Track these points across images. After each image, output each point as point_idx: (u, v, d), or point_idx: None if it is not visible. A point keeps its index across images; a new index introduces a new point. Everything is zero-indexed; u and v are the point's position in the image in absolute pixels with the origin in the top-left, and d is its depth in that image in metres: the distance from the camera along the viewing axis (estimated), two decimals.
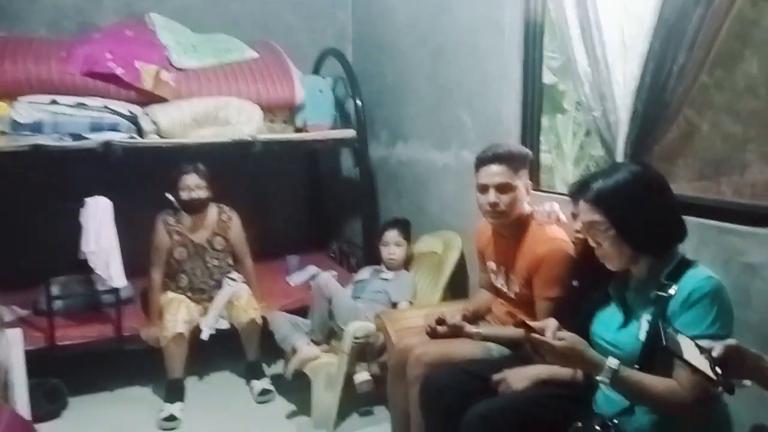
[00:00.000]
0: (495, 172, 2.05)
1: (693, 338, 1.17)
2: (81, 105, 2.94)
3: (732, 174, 1.92)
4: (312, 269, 3.67)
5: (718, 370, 1.08)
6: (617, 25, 1.89)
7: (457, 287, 2.88)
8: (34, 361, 2.54)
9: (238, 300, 3.05)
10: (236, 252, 3.22)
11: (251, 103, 3.23)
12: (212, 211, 3.15)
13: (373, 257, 3.28)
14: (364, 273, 3.18)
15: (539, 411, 1.70)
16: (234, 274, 3.20)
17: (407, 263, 3.13)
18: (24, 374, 2.41)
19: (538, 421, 1.68)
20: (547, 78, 2.91)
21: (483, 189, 2.09)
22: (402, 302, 2.90)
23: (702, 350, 1.12)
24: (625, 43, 1.87)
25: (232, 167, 3.35)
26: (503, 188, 2.04)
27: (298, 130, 3.49)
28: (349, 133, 3.49)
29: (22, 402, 2.36)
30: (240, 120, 3.15)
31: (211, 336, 2.99)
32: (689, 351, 1.14)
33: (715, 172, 1.96)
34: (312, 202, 4.37)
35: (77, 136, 2.88)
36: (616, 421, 1.45)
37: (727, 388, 1.09)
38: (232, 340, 3.06)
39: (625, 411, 1.46)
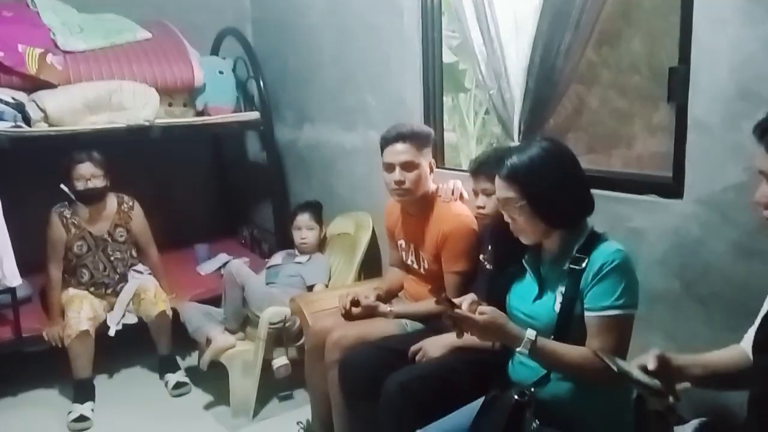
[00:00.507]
0: (399, 151, 2.10)
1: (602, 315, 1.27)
2: None
3: (620, 147, 2.06)
4: (223, 257, 3.60)
5: (657, 382, 1.15)
6: (509, 4, 1.97)
7: (370, 267, 2.93)
8: None
9: (145, 293, 2.95)
10: (140, 243, 3.10)
11: (147, 86, 3.09)
12: (111, 201, 3.01)
13: (285, 242, 3.26)
14: (277, 258, 3.15)
15: (456, 377, 1.78)
16: (139, 266, 3.10)
17: (321, 246, 3.13)
18: None
19: (455, 386, 1.74)
20: (449, 57, 2.99)
21: (389, 168, 2.13)
22: (317, 285, 2.91)
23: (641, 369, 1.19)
24: (516, 23, 1.95)
25: (130, 154, 3.21)
26: (408, 166, 2.10)
27: (199, 114, 3.38)
28: (253, 115, 3.42)
29: None
30: (135, 104, 3.00)
31: (119, 331, 2.89)
32: (641, 375, 1.19)
33: (606, 146, 2.09)
34: (219, 187, 4.27)
35: None
36: (533, 389, 1.49)
37: (676, 398, 1.17)
38: (141, 334, 2.96)
39: (542, 379, 1.51)
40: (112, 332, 2.86)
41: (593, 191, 1.83)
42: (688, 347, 1.68)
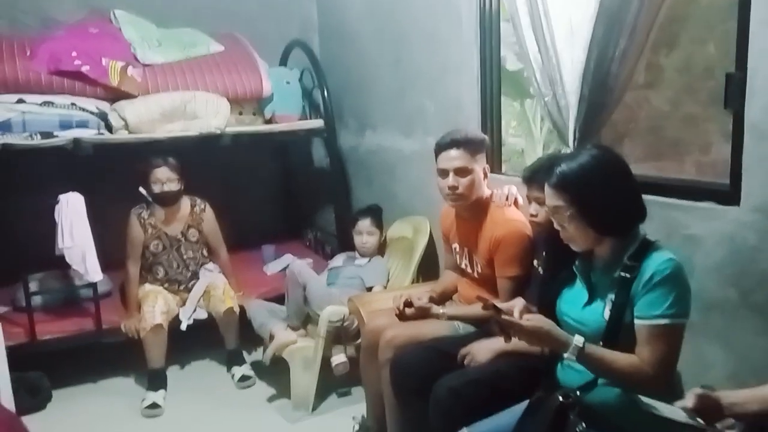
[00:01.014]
0: (453, 157, 2.14)
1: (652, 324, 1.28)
2: (48, 103, 2.96)
3: (678, 154, 2.03)
4: (288, 258, 3.72)
5: (700, 420, 1.15)
6: (564, 12, 1.98)
7: (427, 270, 2.98)
8: (16, 356, 2.58)
9: (214, 290, 3.11)
10: (210, 243, 3.28)
11: (218, 96, 3.27)
12: (185, 203, 3.20)
13: (347, 244, 3.36)
14: (338, 260, 3.26)
15: (504, 382, 1.80)
16: (210, 265, 3.27)
17: (380, 249, 3.21)
18: (5, 369, 2.45)
19: (503, 391, 1.76)
20: (514, 64, 2.99)
21: (443, 173, 2.18)
22: (376, 287, 2.99)
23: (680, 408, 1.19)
24: (572, 30, 1.95)
25: (203, 160, 3.40)
26: (461, 172, 2.14)
27: (267, 122, 3.54)
28: (318, 123, 3.55)
29: (6, 396, 2.40)
30: (207, 113, 3.18)
31: (190, 326, 3.06)
32: (668, 410, 1.21)
33: (663, 153, 2.06)
34: (285, 192, 4.44)
35: (47, 134, 2.91)
36: (578, 392, 1.49)
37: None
38: (211, 329, 3.13)
39: (588, 384, 1.52)
40: (183, 326, 3.03)
41: (649, 198, 1.82)
42: (744, 357, 1.66)
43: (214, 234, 3.28)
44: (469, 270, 2.30)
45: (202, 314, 3.13)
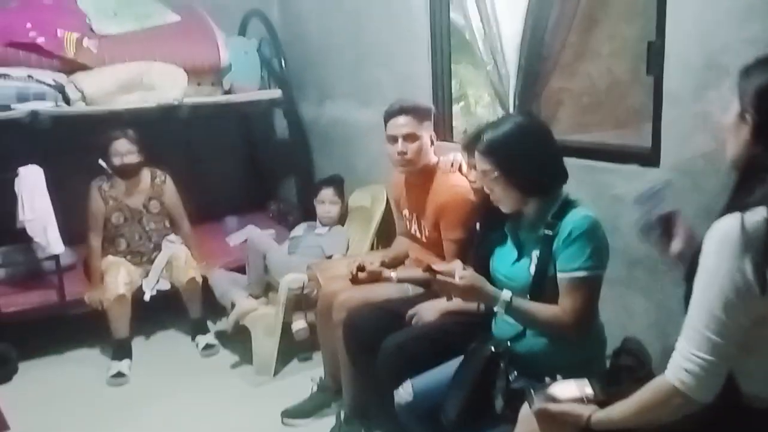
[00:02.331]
0: (401, 123, 2.23)
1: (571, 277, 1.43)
2: (4, 76, 2.95)
3: (606, 120, 2.12)
4: (250, 229, 3.75)
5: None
6: None
7: (385, 237, 3.05)
8: None
9: (177, 260, 3.16)
10: (172, 214, 3.32)
11: (175, 67, 3.28)
12: (145, 175, 3.23)
13: (309, 214, 3.42)
14: (299, 230, 3.33)
15: (447, 337, 1.91)
16: (172, 236, 3.31)
17: (341, 219, 3.28)
18: None
19: (445, 345, 1.86)
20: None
21: (392, 140, 2.26)
22: (335, 255, 3.07)
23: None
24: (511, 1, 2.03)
25: (164, 131, 3.41)
26: (409, 137, 2.23)
27: (226, 93, 3.55)
28: (275, 93, 3.58)
29: None
30: (165, 84, 3.19)
31: (154, 297, 3.11)
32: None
33: (593, 119, 2.16)
34: (248, 163, 4.47)
35: (3, 107, 2.90)
36: (509, 343, 1.63)
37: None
38: (175, 299, 3.19)
39: (518, 335, 1.64)
40: (147, 297, 3.08)
41: (581, 162, 1.93)
42: (664, 307, 1.78)
43: (176, 205, 3.32)
44: (418, 235, 2.40)
45: (165, 285, 3.18)
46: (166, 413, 2.62)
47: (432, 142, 2.29)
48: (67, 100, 3.08)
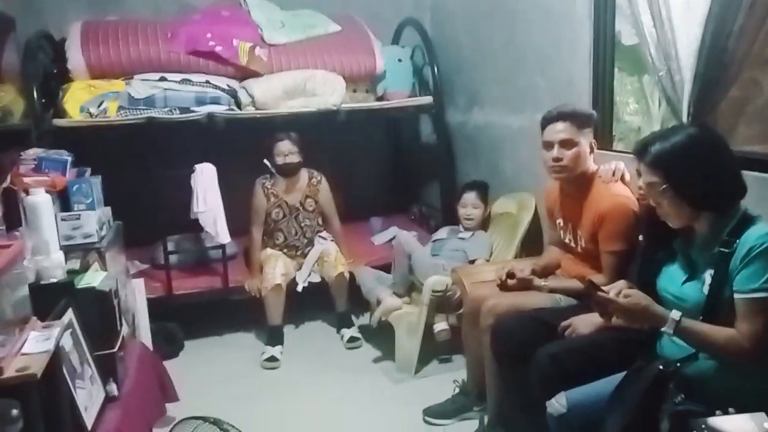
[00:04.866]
0: (559, 129, 2.18)
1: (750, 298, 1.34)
2: (186, 81, 3.29)
3: None
4: (394, 230, 3.89)
5: None
6: None
7: (531, 246, 3.00)
8: (155, 307, 2.90)
9: (327, 256, 3.34)
10: (325, 213, 3.51)
11: (335, 75, 3.47)
12: (304, 175, 3.44)
13: (451, 219, 3.47)
14: (442, 233, 3.38)
15: (604, 352, 1.84)
16: (324, 233, 3.51)
17: (484, 224, 3.29)
18: (147, 318, 2.79)
19: (602, 361, 1.80)
20: (629, 39, 2.92)
21: (548, 146, 2.22)
22: (478, 260, 3.08)
23: None
24: (688, 4, 1.92)
25: (320, 135, 3.61)
26: (566, 144, 2.17)
27: (379, 99, 3.70)
28: (427, 100, 3.66)
29: (146, 341, 2.73)
30: (325, 91, 3.39)
31: (305, 288, 3.31)
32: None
33: None
34: (394, 167, 4.60)
35: (185, 110, 3.24)
36: (678, 364, 1.53)
37: None
38: (323, 293, 3.37)
39: (689, 357, 1.55)
40: (300, 288, 3.29)
41: (764, 175, 1.78)
42: None
43: (329, 204, 3.50)
44: (572, 245, 2.33)
45: (316, 278, 3.37)
46: (311, 400, 2.76)
47: (591, 150, 2.22)
48: (238, 104, 3.37)
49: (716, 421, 1.27)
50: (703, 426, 1.27)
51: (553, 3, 2.80)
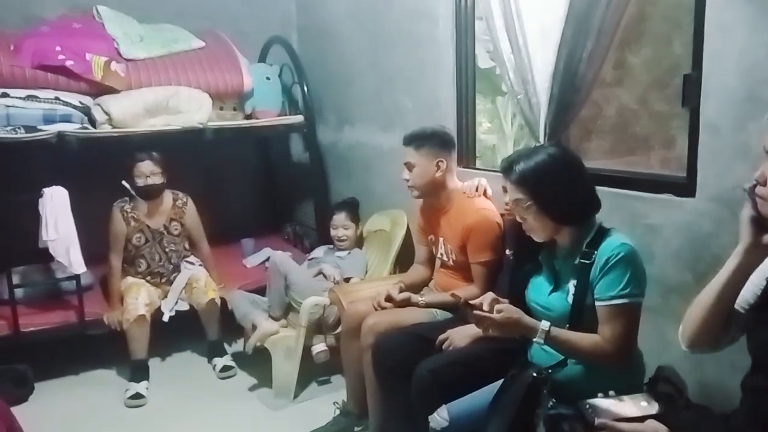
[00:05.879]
0: (405, 153, 2.38)
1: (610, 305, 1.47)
2: (32, 97, 3.00)
3: (639, 149, 2.16)
4: (267, 251, 3.79)
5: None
6: (536, 14, 2.09)
7: (405, 261, 3.04)
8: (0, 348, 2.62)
9: (196, 282, 3.17)
10: (192, 236, 3.34)
11: (200, 92, 3.33)
12: (167, 197, 3.25)
13: (326, 238, 3.43)
14: (319, 251, 3.34)
15: (481, 363, 1.92)
16: (191, 258, 3.33)
17: (359, 241, 3.30)
18: None
19: (480, 371, 1.88)
20: (486, 62, 3.11)
21: (402, 168, 2.39)
22: (354, 278, 3.08)
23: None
24: (543, 32, 2.06)
25: (185, 154, 3.44)
26: (409, 165, 2.37)
27: (248, 117, 3.60)
28: (297, 118, 3.63)
29: None
30: (190, 108, 3.24)
31: (172, 318, 3.12)
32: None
33: (626, 148, 2.20)
34: (265, 186, 4.50)
35: (31, 128, 2.94)
36: (549, 370, 1.62)
37: None
38: (192, 321, 3.19)
39: (559, 363, 1.64)
40: (165, 318, 3.09)
41: (614, 191, 1.96)
42: None
43: (196, 227, 3.34)
44: (445, 258, 2.42)
45: (183, 306, 3.19)
46: None
47: (438, 168, 2.33)
48: (93, 123, 3.12)
49: (600, 402, 1.36)
50: (588, 406, 1.35)
51: (416, 27, 2.90)
